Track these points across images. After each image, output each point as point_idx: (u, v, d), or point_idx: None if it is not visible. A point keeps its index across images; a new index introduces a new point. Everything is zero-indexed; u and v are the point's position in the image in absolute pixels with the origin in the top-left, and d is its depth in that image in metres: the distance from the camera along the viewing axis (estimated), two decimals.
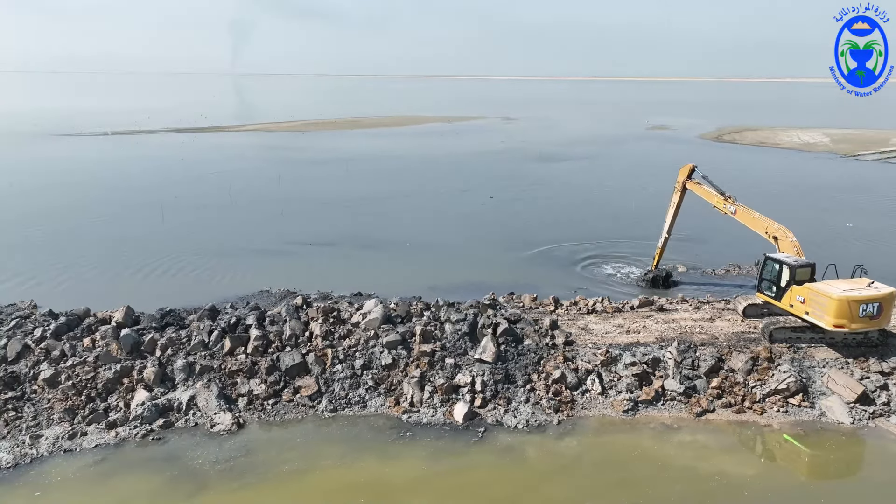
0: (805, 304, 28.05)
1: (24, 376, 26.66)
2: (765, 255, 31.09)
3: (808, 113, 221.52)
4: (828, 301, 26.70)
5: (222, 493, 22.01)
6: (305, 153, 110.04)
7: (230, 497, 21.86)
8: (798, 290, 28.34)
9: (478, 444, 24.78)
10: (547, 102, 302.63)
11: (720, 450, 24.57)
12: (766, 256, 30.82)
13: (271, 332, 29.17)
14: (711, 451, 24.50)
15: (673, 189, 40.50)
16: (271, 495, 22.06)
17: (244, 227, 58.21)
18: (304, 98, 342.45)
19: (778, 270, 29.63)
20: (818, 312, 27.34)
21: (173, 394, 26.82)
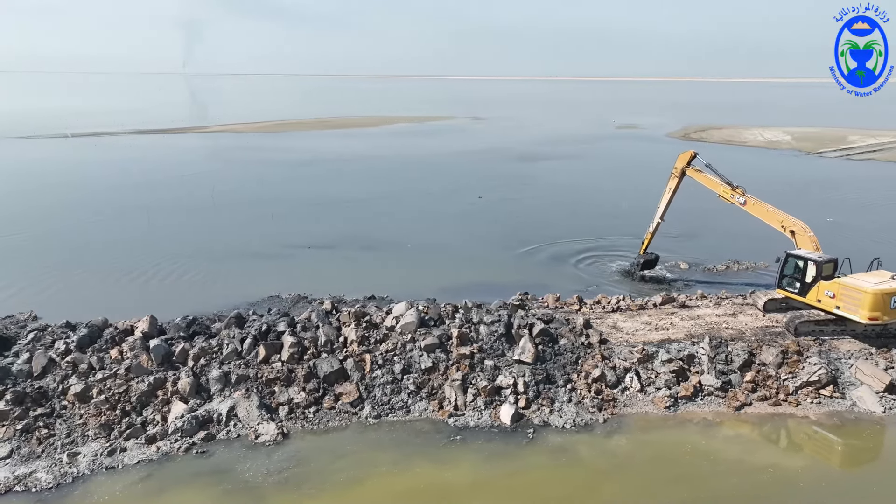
0: (835, 299, 28.90)
1: (53, 392, 25.47)
2: (786, 253, 31.77)
3: (770, 112, 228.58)
4: (863, 295, 27.58)
5: None
6: (282, 154, 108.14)
7: None
8: (826, 286, 29.19)
9: (529, 445, 24.75)
10: (513, 103, 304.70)
11: (766, 443, 25.17)
12: (788, 254, 31.53)
13: (305, 339, 28.57)
14: (758, 445, 25.07)
15: (669, 175, 40.46)
16: None
17: (236, 229, 56.90)
18: (269, 98, 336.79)
19: (802, 267, 30.42)
20: (851, 307, 28.20)
21: (211, 405, 26.01)
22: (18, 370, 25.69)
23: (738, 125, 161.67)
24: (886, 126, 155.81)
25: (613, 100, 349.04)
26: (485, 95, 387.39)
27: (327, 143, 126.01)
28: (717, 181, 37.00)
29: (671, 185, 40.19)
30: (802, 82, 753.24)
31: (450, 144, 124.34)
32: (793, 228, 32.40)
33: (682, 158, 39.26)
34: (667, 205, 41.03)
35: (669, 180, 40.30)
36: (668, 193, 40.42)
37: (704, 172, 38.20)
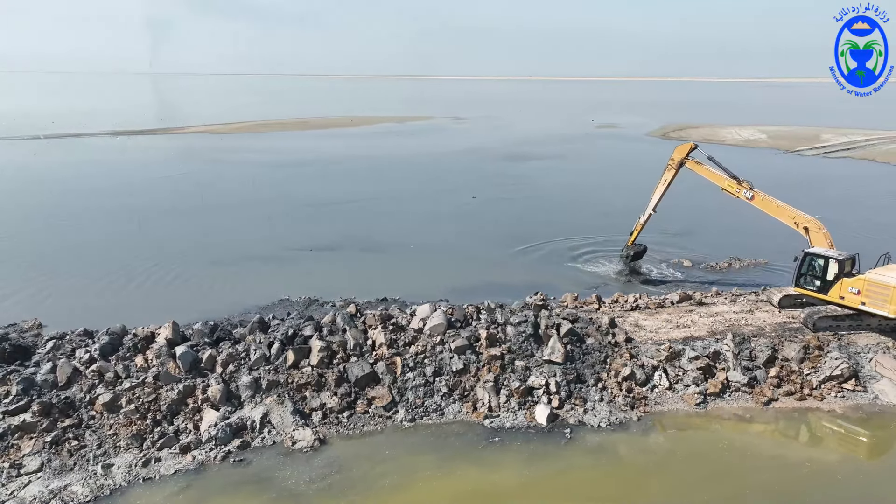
0: (860, 295, 29.45)
1: (80, 402, 24.70)
2: (804, 252, 32.13)
3: (741, 111, 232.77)
4: (891, 291, 28.17)
5: None
6: (267, 155, 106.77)
7: None
8: (850, 282, 29.77)
9: (568, 445, 24.80)
10: (490, 103, 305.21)
11: (798, 437, 25.67)
12: (806, 252, 31.92)
13: (334, 343, 28.21)
14: (791, 439, 25.54)
15: (666, 166, 39.91)
16: None
17: (233, 232, 56.04)
18: (244, 99, 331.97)
19: (823, 265, 30.95)
20: (878, 302, 28.80)
21: (243, 412, 25.52)
22: (43, 380, 24.87)
23: (714, 124, 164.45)
24: (856, 125, 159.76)
25: (587, 99, 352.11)
26: (460, 95, 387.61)
27: (311, 143, 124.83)
28: (722, 175, 36.80)
29: (667, 176, 39.59)
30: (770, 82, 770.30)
31: (434, 144, 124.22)
32: (806, 225, 32.93)
33: (681, 150, 38.70)
34: (660, 197, 40.52)
35: (665, 172, 39.68)
36: (663, 185, 39.87)
37: (706, 165, 37.74)
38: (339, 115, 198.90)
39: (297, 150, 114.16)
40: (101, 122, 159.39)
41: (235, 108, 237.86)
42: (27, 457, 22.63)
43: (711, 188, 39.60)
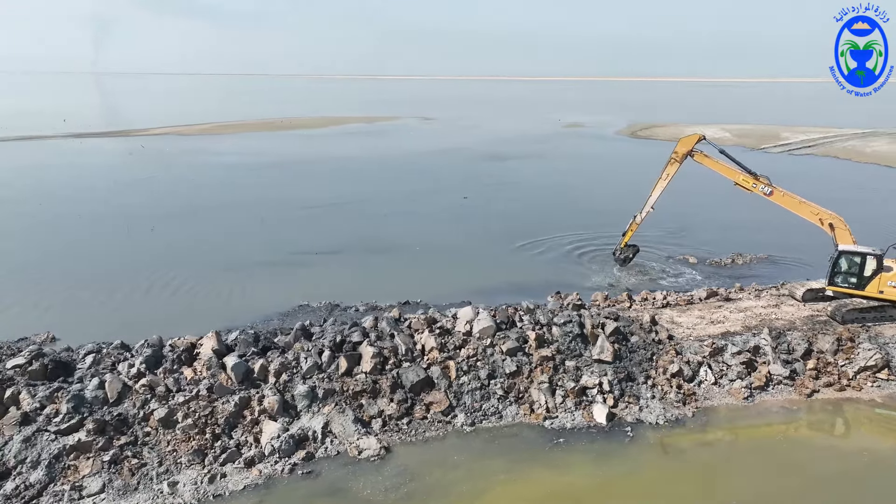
0: None
1: (133, 418, 23.63)
2: (839, 251, 32.75)
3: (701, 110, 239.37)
4: None
5: None
6: (241, 156, 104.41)
7: None
8: (889, 276, 30.89)
9: (633, 443, 25.02)
10: (454, 102, 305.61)
11: (848, 427, 26.55)
12: (841, 251, 32.61)
13: (385, 348, 27.76)
14: (841, 429, 26.42)
15: (668, 160, 38.30)
16: None
17: (233, 237, 54.55)
18: (203, 99, 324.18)
19: (860, 262, 31.96)
20: None
21: (302, 422, 24.87)
22: (93, 397, 23.68)
23: (678, 123, 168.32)
24: (811, 123, 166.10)
25: (544, 99, 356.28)
26: (420, 95, 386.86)
27: (282, 144, 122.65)
28: (736, 169, 36.19)
29: (669, 170, 37.97)
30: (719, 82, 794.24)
31: (409, 145, 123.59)
32: (831, 222, 33.67)
33: (686, 142, 37.30)
34: (660, 193, 39.22)
35: (668, 166, 38.01)
36: (665, 181, 38.45)
37: (716, 158, 36.67)
38: (303, 115, 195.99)
39: (270, 151, 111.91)
40: (56, 123, 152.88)
41: (196, 108, 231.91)
42: (87, 478, 21.53)
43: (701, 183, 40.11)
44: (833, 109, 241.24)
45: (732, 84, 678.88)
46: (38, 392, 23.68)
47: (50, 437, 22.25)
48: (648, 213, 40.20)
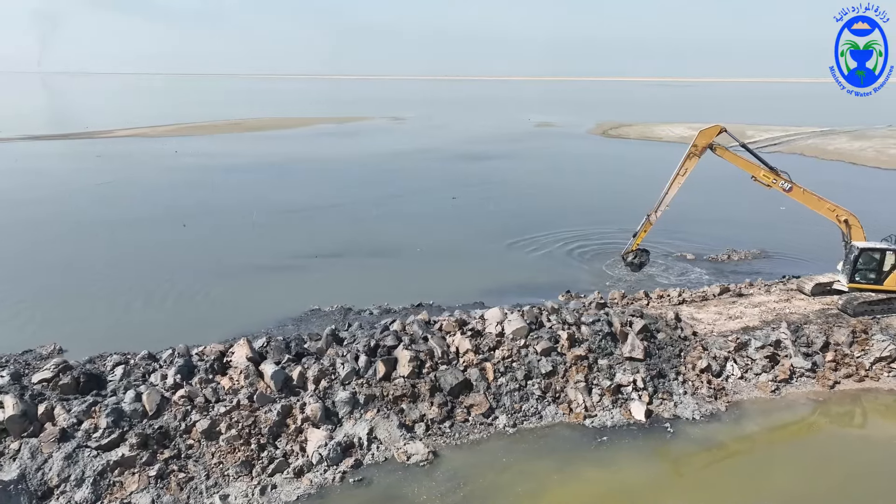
0: None
1: (175, 431, 22.85)
2: (859, 248, 33.42)
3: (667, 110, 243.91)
4: None
5: None
6: (214, 159, 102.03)
7: None
8: None
9: (675, 439, 25.38)
10: (422, 102, 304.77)
11: (877, 416, 27.46)
12: (862, 248, 33.32)
13: (421, 352, 27.51)
14: (871, 418, 27.25)
15: (686, 155, 36.27)
16: None
17: (227, 242, 53.31)
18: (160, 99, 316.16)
19: (880, 258, 33.00)
20: None
21: (345, 429, 24.44)
22: (132, 410, 22.79)
23: (647, 122, 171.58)
24: (772, 122, 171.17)
25: (511, 98, 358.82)
26: (386, 95, 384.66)
27: (254, 145, 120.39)
28: (756, 163, 35.66)
29: (688, 165, 35.84)
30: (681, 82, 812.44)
31: (385, 145, 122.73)
32: (847, 218, 34.56)
33: (706, 134, 35.66)
34: (678, 190, 37.13)
35: (686, 161, 35.92)
36: (683, 177, 36.19)
37: (736, 152, 35.71)
38: (269, 116, 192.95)
39: (243, 152, 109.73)
40: (13, 125, 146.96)
41: (155, 109, 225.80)
42: (135, 494, 20.75)
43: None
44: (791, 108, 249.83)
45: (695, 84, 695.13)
46: (73, 407, 22.70)
47: (92, 453, 21.36)
48: (664, 212, 38.06)
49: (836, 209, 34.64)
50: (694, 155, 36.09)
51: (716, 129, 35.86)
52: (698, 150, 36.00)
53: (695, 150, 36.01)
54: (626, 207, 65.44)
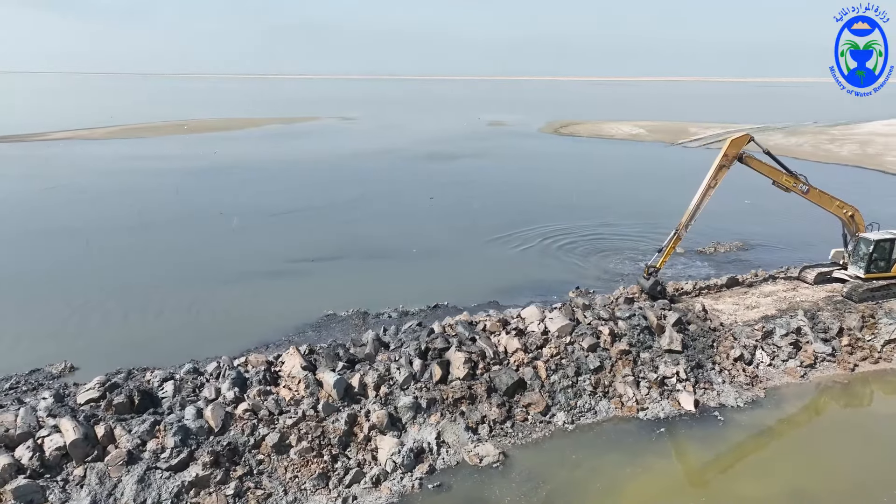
0: None
1: (243, 446, 21.86)
2: (874, 241, 34.98)
3: (609, 108, 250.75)
4: None
5: None
6: (166, 161, 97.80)
7: None
8: None
9: (727, 427, 26.16)
10: (366, 101, 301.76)
11: None
12: (877, 241, 34.97)
13: (473, 353, 27.35)
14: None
15: (716, 165, 34.07)
16: None
17: (214, 248, 51.48)
18: (89, 100, 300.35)
19: (890, 248, 35.06)
20: None
21: (412, 435, 24.04)
22: (198, 427, 21.65)
23: (595, 120, 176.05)
24: (710, 119, 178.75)
25: (455, 97, 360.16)
26: (327, 94, 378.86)
27: (209, 147, 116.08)
28: (780, 170, 35.39)
29: (719, 177, 33.93)
30: (617, 81, 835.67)
31: (343, 146, 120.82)
32: (852, 213, 36.32)
33: (737, 143, 33.89)
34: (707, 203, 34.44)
35: (717, 172, 33.93)
36: (713, 189, 34.17)
37: (761, 160, 34.84)
38: (212, 117, 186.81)
39: (199, 155, 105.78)
40: None
41: (88, 110, 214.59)
42: None
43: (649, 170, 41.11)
44: (725, 106, 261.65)
45: (633, 83, 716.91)
46: (134, 427, 21.36)
47: (164, 474, 20.18)
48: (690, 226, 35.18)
49: (843, 206, 36.10)
50: (724, 166, 33.97)
51: (745, 137, 34.35)
52: (729, 160, 33.94)
53: (725, 161, 33.87)
54: (601, 203, 67.42)
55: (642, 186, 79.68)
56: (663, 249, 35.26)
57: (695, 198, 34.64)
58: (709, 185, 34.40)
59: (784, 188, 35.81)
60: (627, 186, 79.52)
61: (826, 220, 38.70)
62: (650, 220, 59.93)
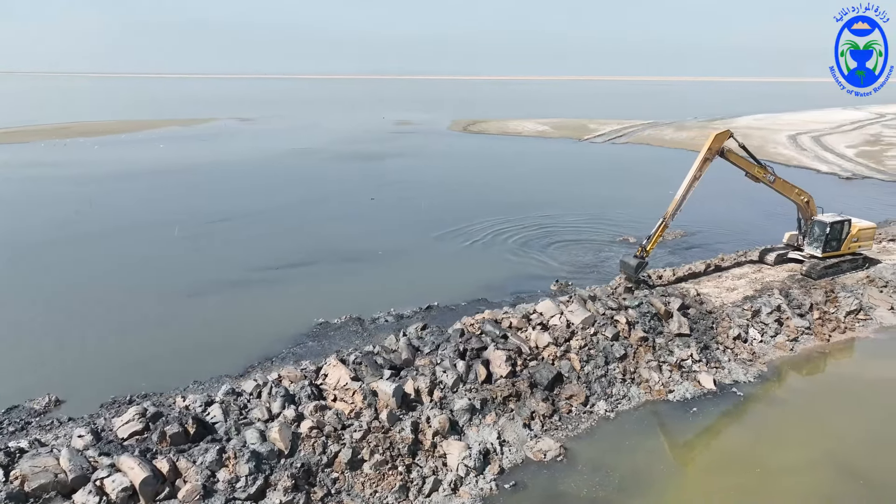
0: (859, 242, 38.74)
1: (316, 466, 20.64)
2: (829, 223, 38.69)
3: (508, 106, 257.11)
4: (873, 231, 39.12)
5: None
6: (64, 168, 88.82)
7: None
8: (853, 235, 38.24)
9: (748, 401, 27.99)
10: (257, 102, 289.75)
11: (881, 359, 32.26)
12: (832, 222, 38.74)
13: (511, 350, 27.44)
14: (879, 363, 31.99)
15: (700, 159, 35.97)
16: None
17: (165, 260, 47.65)
18: None
19: (840, 229, 38.79)
20: (866, 243, 39.14)
21: (473, 436, 23.80)
22: (269, 451, 20.17)
23: (500, 118, 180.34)
24: (606, 116, 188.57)
25: (347, 97, 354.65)
26: (206, 95, 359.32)
27: (110, 152, 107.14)
28: (752, 162, 37.70)
29: (704, 169, 35.70)
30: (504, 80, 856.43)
31: (255, 148, 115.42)
32: (807, 199, 39.89)
33: (719, 138, 35.68)
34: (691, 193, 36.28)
35: (702, 164, 35.68)
36: (697, 181, 35.98)
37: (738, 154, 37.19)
38: (95, 119, 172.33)
39: (100, 160, 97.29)
40: None
41: None
42: None
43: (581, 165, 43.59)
44: (616, 104, 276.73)
45: (525, 82, 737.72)
46: (198, 457, 19.56)
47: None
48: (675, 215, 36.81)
49: (801, 193, 39.71)
50: (708, 159, 36.06)
51: (726, 133, 36.31)
52: (712, 153, 36.03)
53: (709, 154, 35.95)
54: (535, 198, 69.10)
55: (568, 180, 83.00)
56: (651, 236, 36.75)
57: (680, 189, 36.53)
58: (694, 177, 36.21)
59: (754, 179, 38.58)
60: (554, 180, 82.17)
61: (743, 204, 41.97)
62: (588, 211, 62.88)
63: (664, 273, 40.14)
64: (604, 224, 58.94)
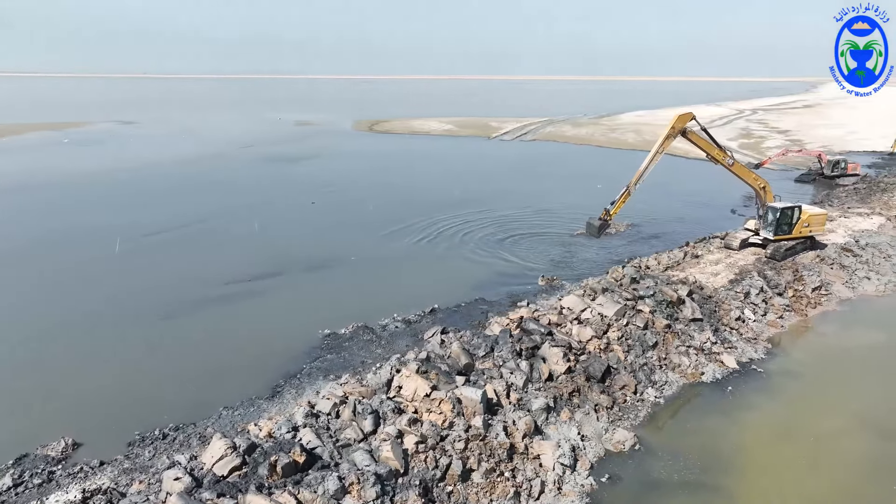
0: (809, 227, 42.37)
1: (431, 481, 19.66)
2: (780, 209, 42.12)
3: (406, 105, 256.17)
4: (823, 217, 42.60)
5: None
6: None
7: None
8: (804, 220, 42.05)
9: (771, 378, 29.97)
10: (128, 103, 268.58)
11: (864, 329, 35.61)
12: (782, 208, 42.21)
13: (563, 346, 27.66)
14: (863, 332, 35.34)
15: (665, 135, 39.32)
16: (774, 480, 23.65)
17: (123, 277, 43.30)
18: None
19: (791, 214, 42.34)
20: (817, 227, 42.78)
21: (553, 435, 23.79)
22: (387, 472, 18.93)
23: (403, 118, 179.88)
24: (504, 115, 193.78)
25: (217, 97, 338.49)
26: (66, 96, 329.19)
27: None
28: (712, 144, 40.42)
29: (666, 145, 39.27)
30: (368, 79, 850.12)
31: (153, 153, 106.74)
32: (764, 185, 43.59)
33: (682, 119, 38.99)
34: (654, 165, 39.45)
35: (665, 141, 39.20)
36: (660, 155, 39.31)
37: (699, 134, 40.02)
38: None
39: None
40: None
41: None
42: None
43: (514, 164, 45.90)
44: (511, 103, 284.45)
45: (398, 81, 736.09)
46: (316, 487, 18.01)
47: None
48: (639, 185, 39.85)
49: (758, 178, 43.36)
50: (671, 136, 39.43)
51: (689, 115, 39.58)
52: (675, 131, 39.28)
53: (672, 132, 39.26)
54: (473, 195, 69.86)
55: (496, 176, 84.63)
56: (615, 202, 40.16)
57: (644, 161, 39.35)
58: (656, 152, 39.20)
59: (714, 161, 41.42)
60: (485, 177, 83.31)
61: (679, 194, 44.92)
62: (528, 204, 64.49)
63: (650, 262, 42.08)
64: (547, 216, 60.50)
